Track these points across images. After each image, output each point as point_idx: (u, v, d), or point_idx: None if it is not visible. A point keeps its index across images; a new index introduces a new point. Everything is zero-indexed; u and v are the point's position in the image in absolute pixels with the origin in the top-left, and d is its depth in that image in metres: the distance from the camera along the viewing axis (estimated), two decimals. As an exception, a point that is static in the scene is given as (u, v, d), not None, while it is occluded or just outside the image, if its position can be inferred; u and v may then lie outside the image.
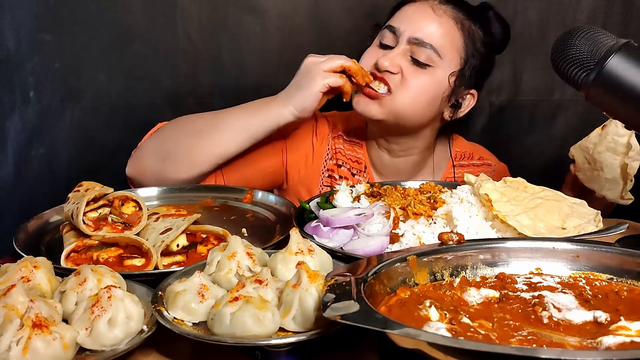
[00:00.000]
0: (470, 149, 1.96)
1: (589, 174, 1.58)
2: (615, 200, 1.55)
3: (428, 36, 1.68)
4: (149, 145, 1.73)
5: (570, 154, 1.62)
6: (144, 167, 1.71)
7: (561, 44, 1.14)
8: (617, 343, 0.84)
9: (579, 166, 1.60)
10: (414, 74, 1.68)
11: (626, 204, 1.54)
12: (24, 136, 2.16)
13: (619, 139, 1.51)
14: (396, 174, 1.88)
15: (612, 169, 1.52)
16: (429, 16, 1.70)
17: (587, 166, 1.57)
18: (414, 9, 1.74)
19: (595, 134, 1.56)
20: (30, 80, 2.15)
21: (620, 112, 1.13)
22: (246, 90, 2.22)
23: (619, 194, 1.53)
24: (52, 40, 2.11)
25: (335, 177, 1.87)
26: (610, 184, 1.53)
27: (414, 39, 1.68)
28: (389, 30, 1.72)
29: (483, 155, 1.97)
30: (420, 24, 1.69)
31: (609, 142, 1.51)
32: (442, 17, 1.71)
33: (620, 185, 1.52)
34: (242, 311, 0.94)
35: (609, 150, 1.52)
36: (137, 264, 1.25)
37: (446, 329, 0.87)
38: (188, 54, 2.19)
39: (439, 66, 1.69)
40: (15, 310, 0.94)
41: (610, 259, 1.08)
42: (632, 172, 1.49)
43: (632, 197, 1.53)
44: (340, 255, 1.24)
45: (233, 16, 2.18)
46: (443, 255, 1.09)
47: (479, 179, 1.41)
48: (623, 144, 1.50)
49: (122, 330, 0.98)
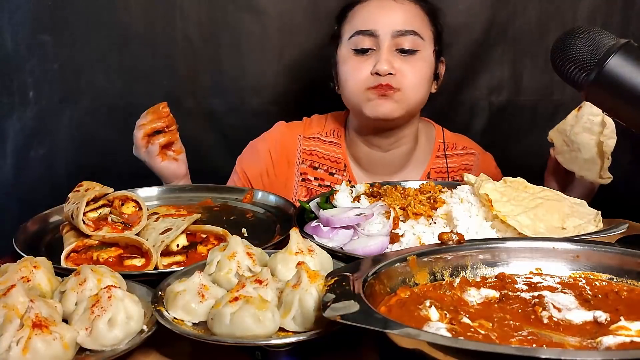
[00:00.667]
0: (454, 139, 1.98)
1: (567, 156, 1.59)
2: (595, 180, 1.56)
3: (406, 24, 1.72)
4: None
5: (549, 138, 1.63)
6: None
7: (561, 44, 1.14)
8: (617, 343, 0.84)
9: (558, 149, 1.62)
10: (408, 63, 1.72)
11: (605, 183, 1.54)
12: (23, 137, 2.17)
13: (593, 118, 1.52)
14: (385, 168, 1.89)
15: (589, 148, 1.53)
16: (395, 6, 1.74)
17: (566, 148, 1.59)
18: (374, 7, 1.75)
19: (571, 116, 1.57)
20: (29, 81, 2.15)
21: (620, 112, 1.13)
22: (245, 91, 2.23)
23: (598, 173, 1.54)
24: (51, 41, 2.11)
25: (310, 179, 1.91)
26: (588, 164, 1.54)
27: (396, 32, 1.71)
28: (364, 35, 1.73)
29: (467, 144, 1.98)
30: (393, 17, 1.73)
31: (584, 122, 1.53)
32: (404, 3, 1.75)
33: (598, 164, 1.53)
34: (242, 311, 0.94)
35: (585, 131, 1.53)
36: (137, 264, 1.25)
37: (446, 329, 0.87)
38: (187, 54, 2.19)
39: (423, 47, 1.75)
40: (15, 310, 0.94)
41: (610, 259, 1.08)
42: (608, 150, 1.50)
43: (610, 176, 1.53)
44: (340, 255, 1.24)
45: (232, 16, 2.18)
46: (443, 255, 1.09)
47: (479, 179, 1.41)
48: (598, 122, 1.51)
49: (122, 330, 0.98)
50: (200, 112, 2.23)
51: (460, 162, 1.93)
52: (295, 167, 1.91)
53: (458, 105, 2.29)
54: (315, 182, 1.90)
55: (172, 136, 1.74)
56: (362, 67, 1.73)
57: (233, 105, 2.25)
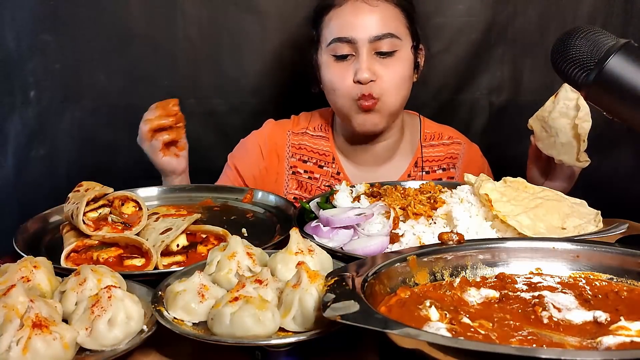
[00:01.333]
0: (439, 129, 2.00)
1: (546, 141, 1.61)
2: (573, 163, 1.57)
3: (382, 27, 1.72)
4: None
5: (529, 125, 1.65)
6: None
7: (561, 44, 1.14)
8: (617, 343, 0.84)
9: (537, 135, 1.64)
10: (387, 66, 1.74)
11: (583, 166, 1.56)
12: (24, 136, 2.17)
13: (569, 102, 1.53)
14: (372, 160, 1.92)
15: (566, 132, 1.55)
16: (370, 10, 1.74)
17: (545, 134, 1.61)
18: (349, 12, 1.75)
19: (549, 102, 1.59)
20: (30, 81, 2.15)
21: (621, 111, 1.13)
22: (246, 91, 2.23)
23: (575, 156, 1.56)
24: (52, 41, 2.11)
25: (300, 172, 1.94)
26: (566, 148, 1.56)
27: (373, 37, 1.72)
28: (342, 42, 1.74)
29: (452, 135, 2.00)
30: (369, 22, 1.72)
31: (561, 107, 1.55)
32: (378, 5, 1.75)
33: (575, 147, 1.55)
34: (242, 311, 0.94)
35: (562, 116, 1.55)
36: (137, 264, 1.25)
37: (446, 329, 0.87)
38: (188, 54, 2.20)
39: (401, 46, 1.76)
40: (15, 310, 0.94)
41: (610, 259, 1.08)
42: (583, 132, 1.52)
43: (588, 159, 1.55)
44: (340, 255, 1.24)
45: (233, 17, 2.18)
46: (443, 255, 1.09)
47: (479, 178, 1.41)
48: (573, 107, 1.53)
49: (122, 330, 0.98)
50: (200, 112, 2.23)
51: (446, 151, 1.95)
52: (285, 161, 1.95)
53: (458, 105, 2.29)
54: (305, 175, 1.94)
55: (177, 134, 1.74)
56: (345, 75, 1.74)
57: (233, 105, 2.25)
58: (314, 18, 1.84)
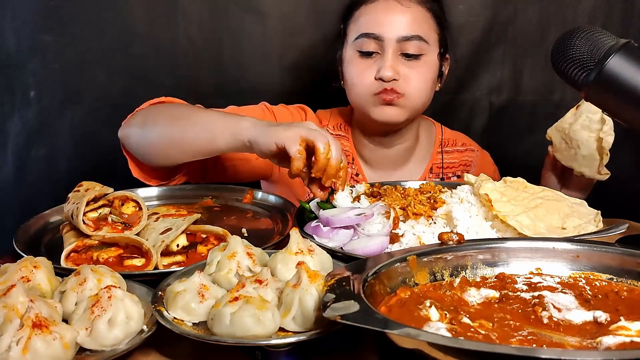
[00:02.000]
0: (453, 136, 2.00)
1: (566, 153, 1.62)
2: (593, 176, 1.59)
3: (411, 29, 1.71)
4: (134, 127, 1.66)
5: (548, 136, 1.66)
6: (129, 142, 1.67)
7: (561, 44, 1.14)
8: (617, 343, 0.84)
9: (556, 147, 1.65)
10: (412, 69, 1.72)
11: (603, 179, 1.58)
12: (24, 137, 2.17)
13: (592, 116, 1.54)
14: (388, 163, 1.91)
15: (588, 145, 1.55)
16: (401, 10, 1.73)
17: (564, 146, 1.61)
18: (380, 9, 1.74)
19: (570, 114, 1.60)
20: (30, 81, 2.15)
21: (621, 112, 1.13)
22: (246, 91, 2.23)
23: (596, 169, 1.57)
24: (53, 41, 2.11)
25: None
26: (587, 161, 1.57)
27: (401, 37, 1.70)
28: (369, 38, 1.72)
29: (466, 142, 2.01)
30: (399, 21, 1.71)
31: (583, 120, 1.55)
32: (410, 6, 1.74)
33: (597, 161, 1.56)
34: (242, 311, 0.94)
35: (584, 129, 1.56)
36: (137, 264, 1.25)
37: (446, 329, 0.87)
38: (188, 54, 2.20)
39: (428, 51, 1.74)
40: (15, 310, 0.94)
41: (610, 259, 1.08)
42: (607, 146, 1.53)
43: (608, 172, 1.57)
44: (340, 255, 1.24)
45: (234, 17, 2.18)
46: (443, 255, 1.09)
47: (479, 178, 1.41)
48: (597, 120, 1.54)
49: (122, 330, 0.98)
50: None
51: (460, 159, 1.96)
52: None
53: (458, 105, 2.29)
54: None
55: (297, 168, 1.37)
56: (367, 72, 1.73)
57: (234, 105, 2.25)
58: (344, 13, 1.82)
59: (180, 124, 1.58)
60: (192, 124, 1.57)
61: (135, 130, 1.65)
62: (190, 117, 1.59)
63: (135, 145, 1.65)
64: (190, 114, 1.60)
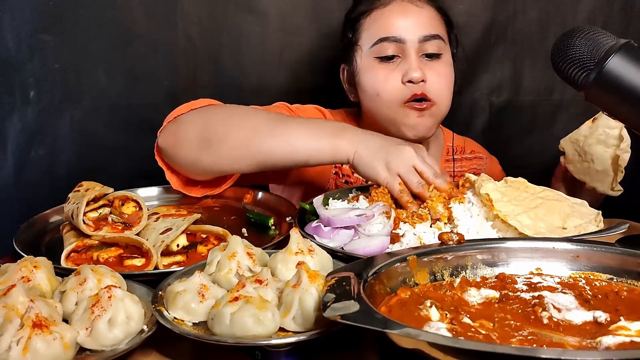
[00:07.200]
0: (461, 142, 1.98)
1: (579, 165, 1.60)
2: (605, 191, 1.57)
3: (430, 28, 1.69)
4: (192, 124, 1.55)
5: (560, 147, 1.64)
6: (182, 145, 1.54)
7: (561, 44, 1.14)
8: (617, 343, 0.84)
9: (569, 158, 1.62)
10: (433, 68, 1.69)
11: (615, 195, 1.56)
12: (24, 137, 2.16)
13: (609, 131, 1.52)
14: None
15: (603, 160, 1.53)
16: (417, 11, 1.71)
17: (578, 158, 1.59)
18: (396, 12, 1.70)
19: (585, 127, 1.57)
20: (30, 81, 2.15)
21: (621, 112, 1.13)
22: (246, 91, 2.23)
23: (610, 185, 1.55)
24: (52, 41, 2.11)
25: (352, 182, 1.81)
26: (601, 176, 1.55)
27: (422, 37, 1.67)
28: (389, 42, 1.67)
29: (474, 148, 1.99)
30: (418, 21, 1.69)
31: (599, 134, 1.53)
32: (422, 6, 1.72)
33: (610, 176, 1.54)
34: (242, 311, 0.94)
35: (599, 143, 1.54)
36: (137, 264, 1.25)
37: (447, 329, 0.87)
38: (188, 54, 2.19)
39: (446, 51, 1.73)
40: (15, 310, 0.94)
41: (610, 259, 1.07)
42: (623, 163, 1.51)
43: (621, 188, 1.55)
44: (340, 255, 1.24)
45: (233, 17, 2.18)
46: (443, 255, 1.09)
47: (480, 178, 1.41)
48: (614, 136, 1.51)
49: (122, 330, 0.98)
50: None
51: (469, 166, 1.93)
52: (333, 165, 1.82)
53: (458, 105, 2.28)
54: (342, 179, 1.83)
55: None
56: (391, 77, 1.67)
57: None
58: (350, 23, 1.77)
59: (260, 140, 1.48)
60: (278, 141, 1.47)
61: (190, 143, 1.52)
62: (273, 132, 1.48)
63: (191, 158, 1.53)
64: (271, 128, 1.49)
